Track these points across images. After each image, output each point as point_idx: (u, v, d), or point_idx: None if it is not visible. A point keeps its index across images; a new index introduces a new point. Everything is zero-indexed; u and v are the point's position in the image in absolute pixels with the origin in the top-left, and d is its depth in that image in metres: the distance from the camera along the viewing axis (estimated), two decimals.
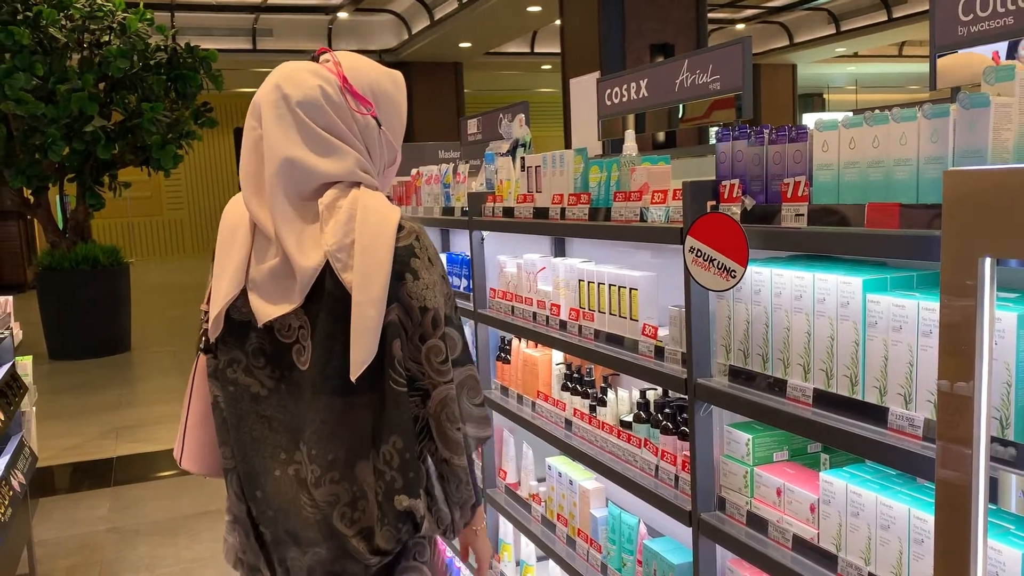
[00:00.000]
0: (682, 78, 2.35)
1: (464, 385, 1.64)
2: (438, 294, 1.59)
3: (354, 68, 1.63)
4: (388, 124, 1.66)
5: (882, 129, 1.39)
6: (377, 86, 1.64)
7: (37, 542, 4.21)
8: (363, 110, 1.61)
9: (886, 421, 1.41)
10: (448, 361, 1.59)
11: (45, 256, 9.56)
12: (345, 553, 1.58)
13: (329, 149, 1.58)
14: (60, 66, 8.77)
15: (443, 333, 1.58)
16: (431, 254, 1.60)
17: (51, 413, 6.77)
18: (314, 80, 1.58)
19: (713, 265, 1.67)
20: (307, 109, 1.56)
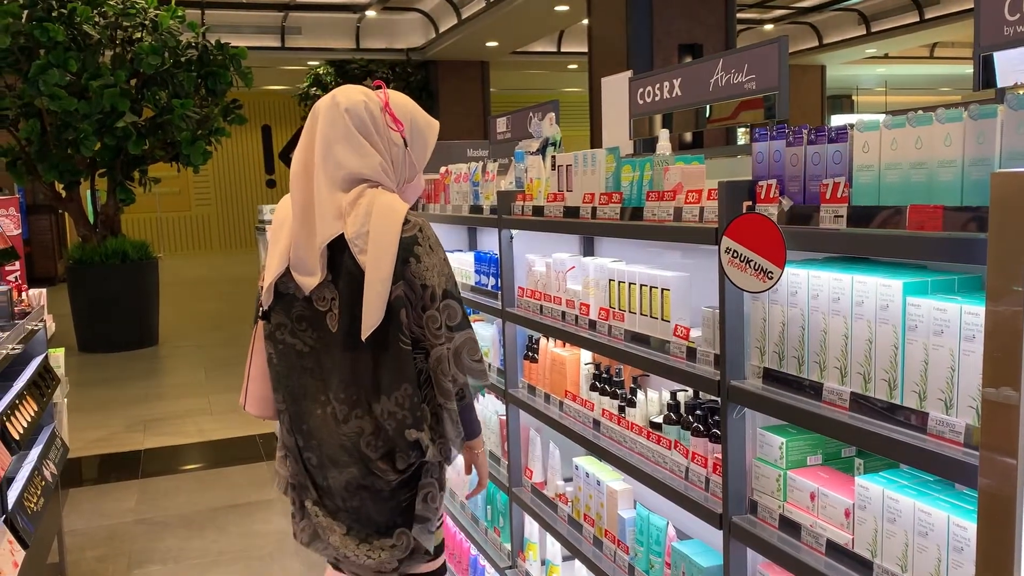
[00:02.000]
0: (716, 77, 2.33)
1: (465, 345, 2.05)
2: (436, 274, 2.01)
3: (398, 98, 2.10)
4: (413, 147, 2.11)
5: (926, 130, 1.37)
6: (411, 117, 2.11)
7: (67, 532, 4.26)
8: (394, 127, 2.07)
9: (925, 426, 1.39)
10: (442, 327, 2.01)
11: (76, 250, 9.69)
12: (371, 472, 2.03)
13: (359, 148, 2.02)
14: (93, 62, 8.88)
15: (442, 304, 2.01)
16: (432, 242, 2.03)
17: (80, 405, 6.86)
18: (362, 97, 2.05)
19: (749, 266, 1.65)
20: (351, 114, 2.02)
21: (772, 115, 2.27)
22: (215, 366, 8.73)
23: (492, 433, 3.29)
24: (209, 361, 9.01)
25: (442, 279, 2.02)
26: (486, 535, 3.36)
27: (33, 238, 15.52)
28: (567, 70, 18.64)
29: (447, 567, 2.32)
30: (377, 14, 15.45)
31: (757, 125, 2.04)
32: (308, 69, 16.96)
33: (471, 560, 3.52)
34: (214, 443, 6.14)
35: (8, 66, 8.75)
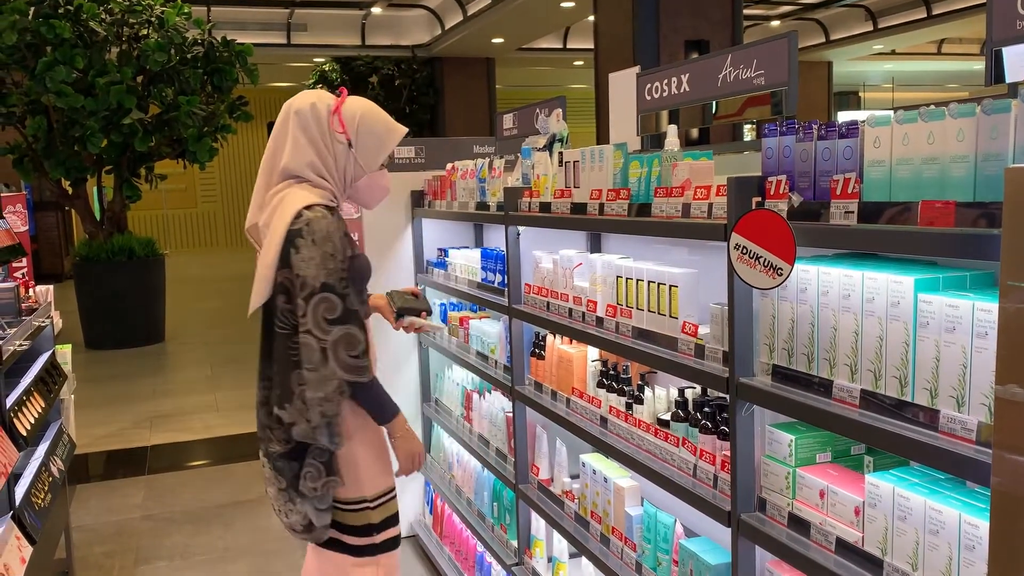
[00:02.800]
0: (724, 73, 2.32)
1: (341, 340, 2.15)
2: (315, 267, 2.14)
3: (353, 104, 2.31)
4: (358, 149, 2.30)
5: (938, 125, 1.36)
6: (361, 121, 2.30)
7: (74, 528, 4.27)
8: (338, 129, 2.28)
9: (937, 424, 1.38)
10: (307, 316, 2.14)
11: (82, 247, 9.71)
12: (270, 439, 2.28)
13: (295, 146, 2.27)
14: (99, 59, 8.89)
15: (319, 297, 2.14)
16: (318, 237, 2.15)
17: (87, 402, 6.87)
18: (312, 100, 2.30)
19: (759, 263, 1.64)
20: (298, 115, 2.28)
21: (780, 111, 2.26)
22: (221, 363, 8.75)
23: (499, 430, 3.29)
24: (215, 358, 9.02)
25: (322, 272, 2.14)
26: (492, 532, 3.35)
27: (40, 235, 15.56)
28: (573, 67, 18.61)
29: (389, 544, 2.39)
30: (383, 11, 15.45)
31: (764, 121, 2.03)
32: (314, 66, 16.97)
33: (477, 557, 3.52)
34: (221, 439, 6.15)
35: (15, 63, 8.76)
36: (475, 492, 3.58)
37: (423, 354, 4.22)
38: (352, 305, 2.18)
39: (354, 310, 2.19)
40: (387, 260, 4.14)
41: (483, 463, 3.39)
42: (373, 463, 2.35)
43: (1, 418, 2.92)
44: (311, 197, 2.24)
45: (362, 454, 2.33)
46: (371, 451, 2.35)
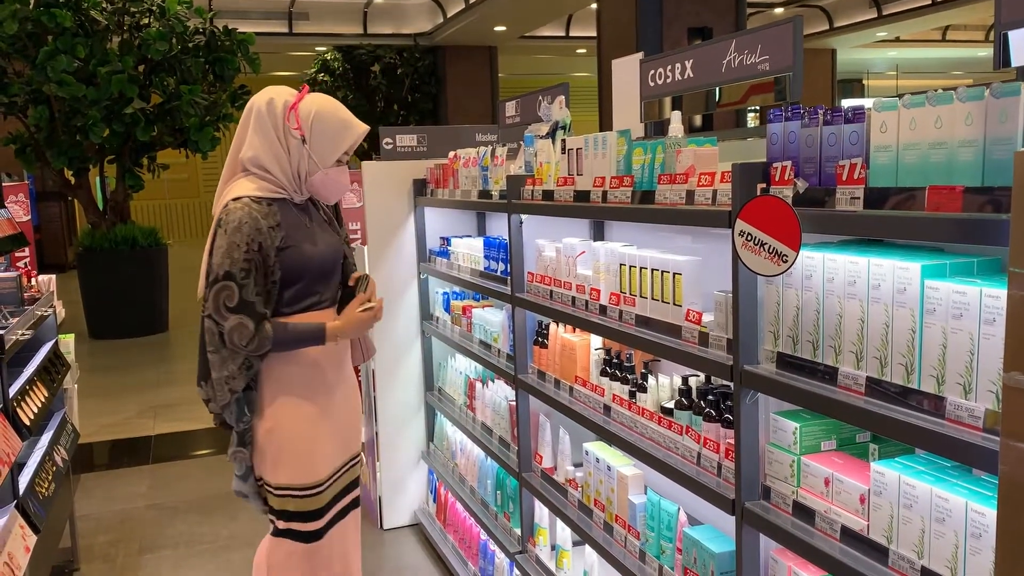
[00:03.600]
0: (729, 59, 2.30)
1: (236, 329, 2.29)
2: (221, 255, 2.28)
3: (311, 100, 2.40)
4: (312, 145, 2.39)
5: (946, 109, 1.34)
6: (318, 118, 2.38)
7: (79, 517, 4.28)
8: (294, 126, 2.38)
9: (944, 411, 1.37)
10: (208, 301, 2.31)
11: (85, 236, 9.70)
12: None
13: (251, 140, 2.40)
14: (101, 48, 8.86)
15: (220, 285, 2.28)
16: (231, 227, 2.29)
17: (91, 391, 6.88)
18: (270, 96, 2.41)
19: (764, 249, 1.63)
20: (255, 111, 2.41)
21: (783, 97, 2.24)
22: None
23: (502, 419, 3.28)
24: None
25: (226, 261, 2.28)
26: (496, 520, 3.35)
27: (43, 225, 15.57)
28: (576, 55, 18.53)
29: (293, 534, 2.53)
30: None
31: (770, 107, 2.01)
32: (316, 55, 16.91)
33: (481, 545, 3.52)
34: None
35: (16, 52, 8.74)
36: (478, 480, 3.58)
37: (426, 343, 4.21)
38: (248, 296, 2.29)
39: (250, 301, 2.29)
40: (389, 249, 4.13)
41: (486, 451, 3.39)
42: (282, 455, 2.47)
43: (4, 407, 2.92)
44: (248, 189, 2.37)
45: (272, 446, 2.46)
46: (283, 446, 2.46)
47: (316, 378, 2.49)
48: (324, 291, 2.49)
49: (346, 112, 2.44)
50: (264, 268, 2.32)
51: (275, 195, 2.40)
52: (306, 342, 2.41)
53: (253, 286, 2.29)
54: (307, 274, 2.42)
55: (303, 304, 2.44)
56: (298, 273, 2.39)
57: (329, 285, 2.52)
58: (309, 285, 2.44)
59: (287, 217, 2.41)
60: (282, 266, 2.35)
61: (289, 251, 2.37)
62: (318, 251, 2.45)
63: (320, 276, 2.47)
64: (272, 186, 2.40)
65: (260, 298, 2.32)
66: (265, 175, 2.39)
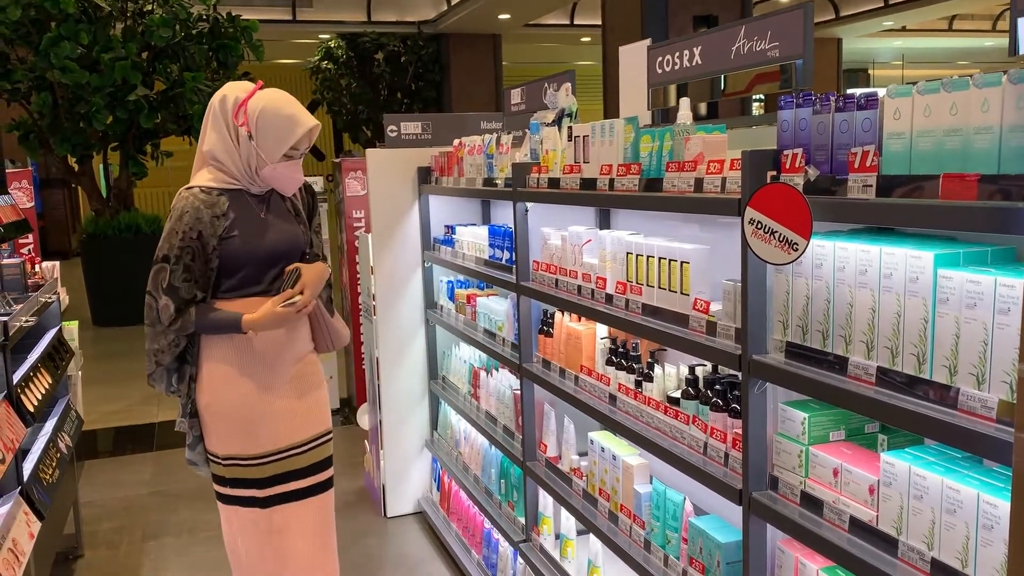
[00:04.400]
0: (738, 45, 2.27)
1: (162, 309, 2.46)
2: (162, 239, 2.47)
3: (261, 96, 2.49)
4: (258, 140, 2.47)
5: (961, 95, 1.32)
6: (263, 115, 2.46)
7: (83, 503, 4.29)
8: (239, 122, 2.48)
9: (956, 402, 1.36)
10: (148, 279, 2.47)
11: (89, 224, 9.70)
12: None
13: (206, 133, 2.54)
14: (104, 35, 8.83)
15: (157, 267, 2.46)
16: (175, 215, 2.46)
17: (95, 378, 6.89)
18: (226, 92, 2.52)
19: (774, 238, 1.61)
20: (212, 106, 2.52)
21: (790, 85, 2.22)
22: None
23: (506, 408, 3.28)
24: None
25: (165, 245, 2.45)
26: (500, 509, 3.35)
27: (47, 212, 15.57)
28: (580, 43, 18.43)
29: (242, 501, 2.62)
30: None
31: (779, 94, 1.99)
32: (319, 43, 16.85)
33: (485, 533, 3.52)
34: None
35: (19, 38, 8.71)
36: (482, 469, 3.58)
37: (430, 332, 4.20)
38: (176, 281, 2.44)
39: (176, 286, 2.44)
40: (393, 237, 4.12)
41: (490, 440, 3.39)
42: (222, 428, 2.59)
43: (8, 394, 2.91)
44: (203, 179, 2.53)
45: (211, 418, 2.59)
46: (221, 420, 2.58)
47: (253, 358, 2.56)
48: (271, 280, 2.57)
49: (295, 108, 2.50)
50: (203, 255, 2.45)
51: (229, 186, 2.53)
52: (224, 329, 2.51)
53: (182, 272, 2.44)
54: (250, 263, 2.52)
55: (246, 291, 2.53)
56: (241, 261, 2.50)
57: (278, 275, 2.59)
58: (252, 273, 2.53)
59: (239, 208, 2.52)
60: (222, 254, 2.47)
61: (232, 240, 2.48)
62: (266, 241, 2.54)
63: (266, 265, 2.55)
64: (227, 177, 2.53)
65: (189, 283, 2.45)
66: (221, 167, 2.53)
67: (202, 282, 2.47)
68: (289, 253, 2.60)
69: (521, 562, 3.12)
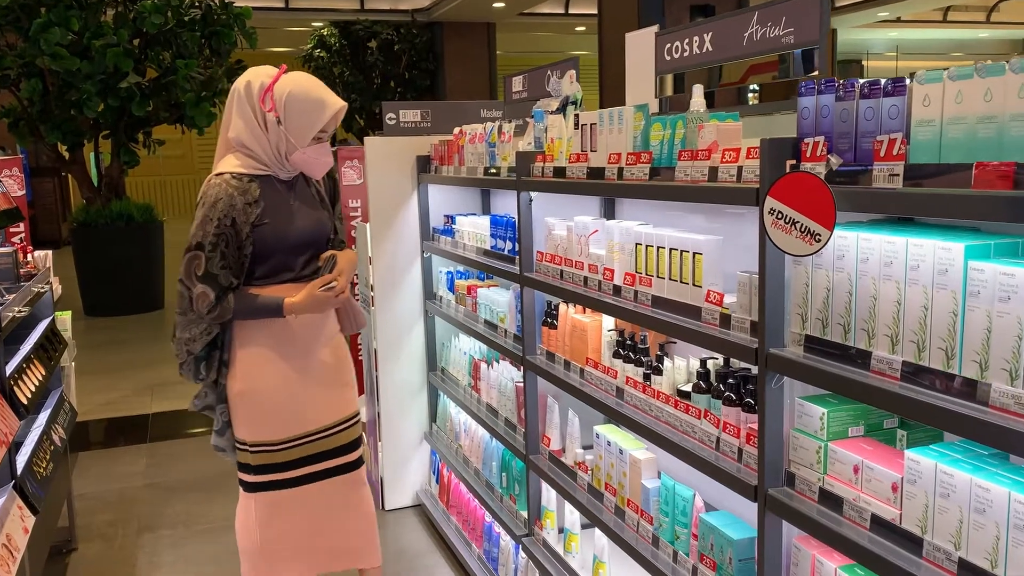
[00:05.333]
0: (751, 31, 2.22)
1: (200, 297, 2.46)
2: (195, 227, 2.46)
3: (288, 80, 2.49)
4: (287, 125, 2.48)
5: (997, 81, 1.28)
6: (291, 99, 2.47)
7: (76, 496, 4.23)
8: (266, 107, 2.48)
9: (988, 398, 1.31)
10: (182, 267, 2.48)
11: (80, 212, 9.59)
12: None
13: (232, 120, 2.53)
14: (95, 21, 8.71)
15: (191, 255, 2.46)
16: (206, 200, 2.46)
17: (87, 369, 6.82)
18: (249, 78, 2.51)
19: (795, 228, 1.57)
20: (236, 93, 2.53)
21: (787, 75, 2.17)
22: None
23: (507, 400, 3.23)
24: None
25: (199, 232, 2.44)
26: (501, 503, 3.31)
27: (37, 201, 15.41)
28: (575, 32, 18.35)
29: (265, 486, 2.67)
30: None
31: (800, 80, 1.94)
32: (312, 30, 16.71)
33: (485, 527, 3.48)
34: None
35: (9, 24, 8.58)
36: (483, 462, 3.54)
37: (429, 323, 4.15)
38: (213, 268, 2.44)
39: (214, 273, 2.45)
40: (391, 227, 4.06)
41: (491, 433, 3.34)
42: (253, 416, 2.61)
43: (1, 386, 2.85)
44: (232, 165, 2.52)
45: (245, 407, 2.61)
46: (255, 407, 2.60)
47: (287, 344, 2.60)
48: (302, 266, 2.60)
49: (321, 91, 2.50)
50: (236, 242, 2.46)
51: (258, 172, 2.53)
52: (265, 314, 2.53)
53: (219, 259, 2.44)
54: (281, 249, 2.53)
55: (279, 277, 2.56)
56: (272, 248, 2.51)
57: (308, 260, 2.62)
58: (284, 259, 2.55)
59: (269, 194, 2.53)
60: (255, 241, 2.48)
61: (264, 227, 2.49)
62: (295, 227, 2.56)
63: (296, 251, 2.57)
64: (256, 163, 2.52)
65: (226, 271, 2.46)
66: (249, 153, 2.52)
67: (236, 268, 2.48)
68: (317, 239, 2.63)
69: (523, 556, 3.08)
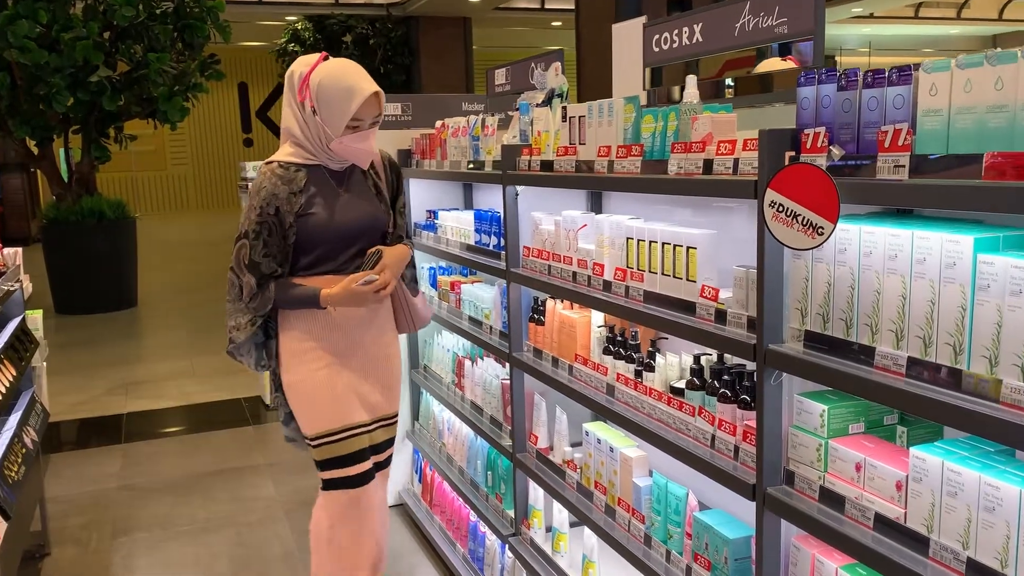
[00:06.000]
0: (743, 22, 2.19)
1: (244, 285, 2.50)
2: (243, 215, 2.52)
3: (324, 68, 2.46)
4: (321, 114, 2.45)
5: (1009, 69, 1.24)
6: (322, 89, 2.43)
7: (49, 499, 4.12)
8: (302, 97, 2.47)
9: (998, 395, 1.28)
10: (233, 255, 2.50)
11: (50, 209, 9.41)
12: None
13: (284, 111, 2.56)
14: (64, 13, 8.54)
15: (239, 244, 2.49)
16: (252, 190, 2.50)
17: (59, 368, 6.68)
18: (294, 67, 2.51)
19: (797, 221, 1.53)
20: (286, 82, 2.54)
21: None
22: (197, 327, 8.56)
23: (493, 397, 3.18)
24: (190, 322, 8.83)
25: (245, 221, 2.49)
26: (487, 502, 3.26)
27: (5, 197, 15.15)
28: (551, 27, 18.31)
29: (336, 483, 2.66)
30: None
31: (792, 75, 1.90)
32: (286, 24, 16.53)
33: (471, 527, 3.43)
34: (198, 406, 6.00)
35: None
36: (467, 461, 3.48)
37: None
38: (256, 257, 2.47)
39: (256, 261, 2.47)
40: None
41: (476, 431, 3.29)
42: (308, 408, 2.61)
43: None
44: (283, 154, 2.55)
45: (297, 399, 2.62)
46: (305, 398, 2.61)
47: (333, 334, 2.60)
48: (349, 258, 2.59)
49: (352, 78, 2.45)
50: (280, 231, 2.48)
51: (308, 161, 2.54)
52: (304, 304, 2.53)
53: (262, 248, 2.47)
54: (326, 240, 2.53)
55: (321, 268, 2.55)
56: (316, 239, 2.51)
57: (357, 253, 2.60)
58: (329, 250, 2.54)
59: (317, 184, 2.54)
60: (299, 231, 2.49)
61: (309, 217, 2.50)
62: (343, 219, 2.55)
63: (344, 243, 2.56)
64: (306, 153, 2.54)
65: (269, 259, 2.48)
66: (298, 142, 2.54)
67: (280, 257, 2.50)
68: (368, 232, 2.61)
69: (510, 556, 3.03)
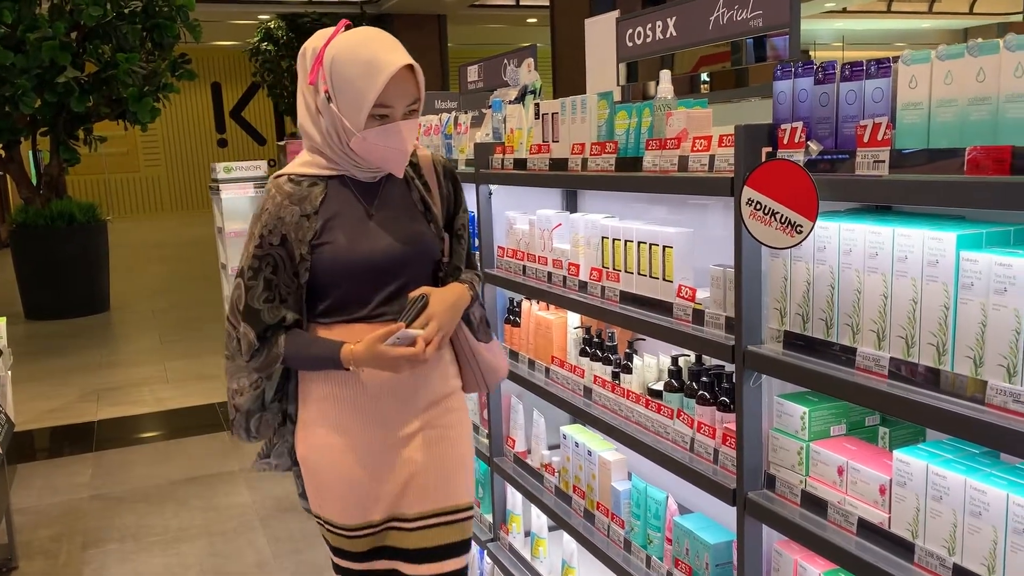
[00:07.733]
0: (717, 15, 2.14)
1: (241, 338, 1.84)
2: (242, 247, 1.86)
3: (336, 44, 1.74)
4: (340, 104, 1.74)
5: (991, 60, 1.20)
6: (336, 66, 1.72)
7: (16, 510, 4.02)
8: (312, 77, 1.76)
9: (983, 395, 1.25)
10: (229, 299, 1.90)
11: (19, 213, 9.23)
12: None
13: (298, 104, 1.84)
14: (29, 13, 8.37)
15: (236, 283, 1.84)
16: (254, 216, 1.84)
17: (28, 375, 6.55)
18: (307, 43, 1.80)
19: (775, 219, 1.49)
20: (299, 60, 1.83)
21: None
22: (170, 332, 8.43)
23: (470, 400, 3.12)
24: (163, 327, 8.70)
25: (243, 256, 1.85)
26: None
27: None
28: (526, 24, 18.27)
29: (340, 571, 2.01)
30: None
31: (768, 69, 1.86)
32: (259, 23, 16.36)
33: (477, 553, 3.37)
34: (172, 412, 5.89)
35: None
36: None
37: None
38: (254, 302, 1.79)
39: (255, 308, 1.79)
40: None
41: None
42: (314, 486, 1.95)
43: None
44: (296, 164, 1.87)
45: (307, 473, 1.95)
46: (315, 476, 1.93)
47: (365, 401, 1.87)
48: (383, 301, 1.85)
49: (375, 48, 1.72)
50: (290, 267, 1.79)
51: (328, 172, 1.83)
52: (321, 364, 1.82)
53: (262, 290, 1.78)
54: (349, 278, 1.81)
55: (347, 315, 1.84)
56: (335, 276, 1.80)
57: (394, 293, 1.85)
58: (354, 292, 1.83)
59: (338, 202, 1.82)
60: (314, 266, 1.79)
61: (325, 248, 1.79)
62: (371, 248, 1.82)
63: (373, 281, 1.83)
64: (326, 160, 1.82)
65: (272, 305, 1.79)
66: (315, 146, 1.83)
67: (292, 301, 1.80)
68: (410, 264, 1.87)
69: (488, 561, 2.98)
